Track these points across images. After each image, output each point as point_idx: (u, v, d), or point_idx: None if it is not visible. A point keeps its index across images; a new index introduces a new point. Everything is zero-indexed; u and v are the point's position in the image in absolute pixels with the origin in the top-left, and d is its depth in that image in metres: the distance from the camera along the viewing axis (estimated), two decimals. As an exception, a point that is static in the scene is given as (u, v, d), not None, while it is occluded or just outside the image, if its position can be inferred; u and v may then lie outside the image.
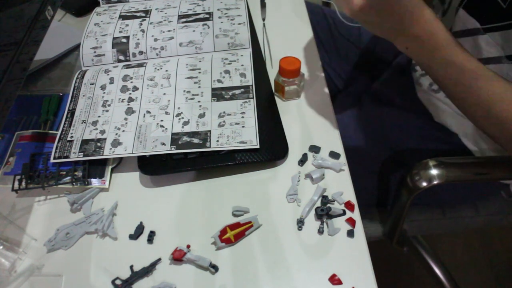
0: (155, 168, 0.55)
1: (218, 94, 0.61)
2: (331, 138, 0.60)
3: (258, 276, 0.47)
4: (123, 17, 0.72)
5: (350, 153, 0.58)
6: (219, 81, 0.63)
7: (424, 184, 0.58)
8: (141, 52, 0.67)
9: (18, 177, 0.54)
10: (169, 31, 0.68)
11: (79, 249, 0.50)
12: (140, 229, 0.51)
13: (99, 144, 0.56)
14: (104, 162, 0.56)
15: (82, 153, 0.55)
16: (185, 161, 0.55)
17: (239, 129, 0.57)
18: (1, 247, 0.49)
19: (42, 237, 0.51)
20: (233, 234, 0.49)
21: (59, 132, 0.58)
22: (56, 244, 0.50)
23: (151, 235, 0.50)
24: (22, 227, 0.52)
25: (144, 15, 0.72)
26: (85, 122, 0.59)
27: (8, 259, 0.48)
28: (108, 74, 0.64)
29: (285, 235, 0.50)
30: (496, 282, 1.22)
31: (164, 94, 0.61)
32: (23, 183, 0.54)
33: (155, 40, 0.67)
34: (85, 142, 0.57)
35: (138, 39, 0.67)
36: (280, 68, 0.61)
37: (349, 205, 0.52)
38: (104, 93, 0.62)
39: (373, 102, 0.84)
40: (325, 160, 0.56)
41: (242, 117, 0.58)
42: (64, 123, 0.60)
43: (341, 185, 0.55)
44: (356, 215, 0.52)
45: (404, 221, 0.68)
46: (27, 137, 0.59)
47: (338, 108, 0.64)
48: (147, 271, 0.47)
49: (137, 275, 0.47)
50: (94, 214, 0.52)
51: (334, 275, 0.46)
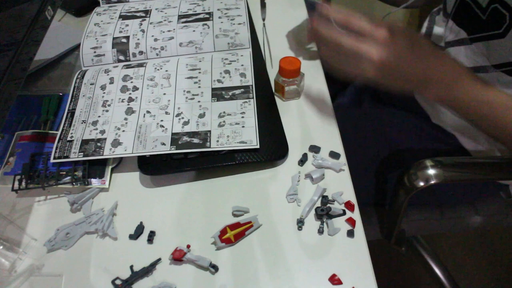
0: (155, 168, 0.55)
1: (218, 94, 0.61)
2: (331, 138, 0.60)
3: (258, 276, 0.47)
4: (123, 17, 0.72)
5: (349, 153, 0.58)
6: (219, 81, 0.63)
7: (421, 183, 0.58)
8: (141, 52, 0.67)
9: (18, 177, 0.54)
10: (169, 31, 0.68)
11: (79, 249, 0.50)
12: (140, 229, 0.51)
13: (99, 144, 0.56)
14: (104, 162, 0.57)
15: (82, 153, 0.55)
16: (185, 161, 0.55)
17: (239, 129, 0.57)
18: (1, 247, 0.49)
19: (42, 237, 0.51)
20: (233, 234, 0.49)
21: (59, 132, 0.58)
22: (56, 244, 0.50)
23: (151, 235, 0.50)
24: (22, 227, 0.52)
25: (144, 15, 0.72)
26: (85, 122, 0.59)
27: (8, 259, 0.48)
28: (108, 74, 0.64)
29: (285, 235, 0.50)
30: (496, 282, 1.22)
31: (164, 94, 0.61)
32: (23, 183, 0.54)
33: (155, 40, 0.67)
34: (85, 142, 0.57)
35: (138, 39, 0.68)
36: (280, 68, 0.61)
37: (349, 205, 0.52)
38: (104, 93, 0.62)
39: (372, 102, 0.84)
40: (325, 160, 0.56)
41: (242, 117, 0.58)
42: (64, 123, 0.60)
43: (341, 185, 0.55)
44: (356, 215, 0.52)
45: (402, 221, 0.68)
46: (27, 137, 0.59)
47: (338, 108, 0.64)
48: (147, 271, 0.47)
49: (137, 275, 0.47)
50: (94, 214, 0.52)
51: (334, 275, 0.46)
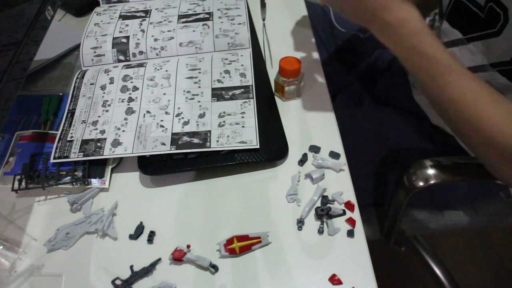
0: (155, 168, 0.55)
1: (218, 94, 0.61)
2: (331, 138, 0.60)
3: (258, 276, 0.47)
4: (123, 17, 0.72)
5: (348, 153, 0.58)
6: (219, 81, 0.63)
7: (421, 183, 0.58)
8: (141, 52, 0.67)
9: (18, 177, 0.54)
10: (169, 31, 0.68)
11: (79, 249, 0.50)
12: (140, 229, 0.51)
13: (99, 144, 0.56)
14: (104, 162, 0.57)
15: (82, 153, 0.55)
16: (185, 161, 0.55)
17: (239, 129, 0.57)
18: (1, 247, 0.49)
19: (42, 237, 0.51)
20: (239, 246, 0.48)
21: (59, 132, 0.58)
22: (56, 244, 0.50)
23: (151, 235, 0.50)
24: (22, 227, 0.52)
25: (144, 15, 0.72)
26: (85, 122, 0.59)
27: (8, 259, 0.48)
28: (108, 74, 0.64)
29: (285, 235, 0.50)
30: (496, 282, 1.22)
31: (164, 94, 0.61)
32: (23, 183, 0.54)
33: (155, 40, 0.67)
34: (85, 142, 0.57)
35: (138, 39, 0.68)
36: (280, 68, 0.61)
37: (349, 205, 0.52)
38: (104, 93, 0.62)
39: (372, 102, 0.84)
40: (325, 160, 0.56)
41: (242, 117, 0.58)
42: (64, 123, 0.60)
43: (341, 185, 0.55)
44: (356, 215, 0.52)
45: (402, 221, 0.68)
46: (27, 137, 0.59)
47: (338, 108, 0.64)
48: (147, 271, 0.47)
49: (137, 275, 0.47)
50: (94, 214, 0.52)
51: (334, 275, 0.46)
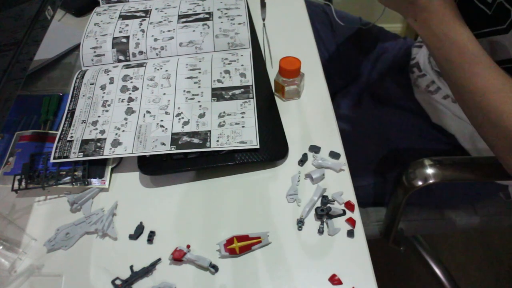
0: (155, 168, 0.55)
1: (218, 94, 0.61)
2: (331, 138, 0.60)
3: (258, 276, 0.47)
4: (123, 17, 0.72)
5: (348, 152, 0.58)
6: (219, 81, 0.63)
7: (420, 183, 0.58)
8: (141, 52, 0.67)
9: (18, 177, 0.54)
10: (169, 31, 0.68)
11: (79, 249, 0.50)
12: (140, 229, 0.51)
13: (99, 144, 0.56)
14: (104, 162, 0.56)
15: (82, 153, 0.55)
16: (185, 161, 0.55)
17: (239, 129, 0.57)
18: (1, 247, 0.49)
19: (42, 237, 0.51)
20: (239, 246, 0.48)
21: (59, 132, 0.58)
22: (56, 244, 0.50)
23: (151, 235, 0.50)
24: (22, 227, 0.52)
25: (144, 15, 0.72)
26: (85, 122, 0.59)
27: (8, 259, 0.48)
28: (108, 74, 0.64)
29: (285, 235, 0.50)
30: (496, 282, 1.22)
31: (164, 94, 0.61)
32: (23, 183, 0.54)
33: (155, 40, 0.67)
34: (85, 142, 0.57)
35: (138, 39, 0.67)
36: (280, 68, 0.61)
37: (349, 205, 0.52)
38: (104, 93, 0.62)
39: (372, 102, 0.84)
40: (325, 160, 0.56)
41: (242, 117, 0.58)
42: (64, 123, 0.59)
43: (341, 185, 0.55)
44: (356, 215, 0.52)
45: (401, 220, 0.68)
46: (27, 137, 0.59)
47: (338, 107, 0.64)
48: (147, 271, 0.47)
49: (137, 275, 0.47)
50: (94, 214, 0.52)
51: (334, 275, 0.46)
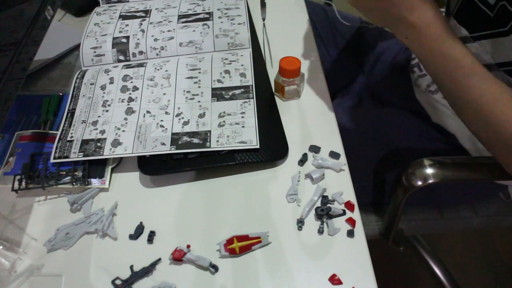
0: (155, 168, 0.55)
1: (218, 94, 0.61)
2: (331, 138, 0.60)
3: (258, 276, 0.47)
4: (123, 17, 0.72)
5: (348, 152, 0.58)
6: (219, 81, 0.63)
7: (419, 183, 0.58)
8: (141, 52, 0.67)
9: (18, 177, 0.54)
10: (169, 31, 0.68)
11: (79, 249, 0.50)
12: (140, 229, 0.51)
13: (99, 144, 0.56)
14: (104, 162, 0.56)
15: (82, 153, 0.55)
16: (185, 161, 0.55)
17: (239, 129, 0.57)
18: (1, 247, 0.49)
19: (42, 237, 0.51)
20: (239, 246, 0.48)
21: (59, 132, 0.58)
22: (56, 244, 0.50)
23: (151, 235, 0.50)
24: (22, 227, 0.52)
25: (144, 15, 0.72)
26: (85, 122, 0.59)
27: (8, 259, 0.48)
28: (108, 74, 0.64)
29: (285, 235, 0.50)
30: (496, 282, 1.22)
31: (164, 94, 0.61)
32: (23, 183, 0.54)
33: (155, 40, 0.67)
34: (85, 142, 0.57)
35: (138, 39, 0.67)
36: (280, 68, 0.61)
37: (349, 205, 0.52)
38: (104, 93, 0.62)
39: (372, 101, 0.84)
40: (325, 160, 0.56)
41: (242, 117, 0.58)
42: (64, 123, 0.59)
43: (341, 185, 0.55)
44: (356, 215, 0.52)
45: (400, 220, 0.67)
46: (27, 137, 0.59)
47: (338, 107, 0.64)
48: (147, 271, 0.47)
49: (137, 275, 0.47)
50: (94, 214, 0.52)
51: (334, 275, 0.46)
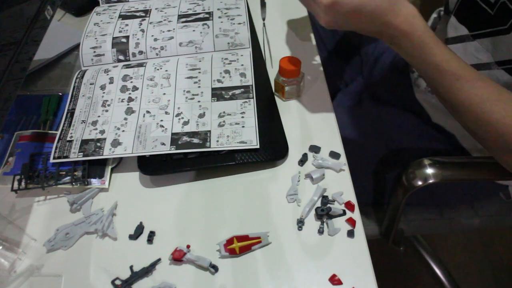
0: (155, 168, 0.55)
1: (218, 94, 0.61)
2: (331, 138, 0.59)
3: (258, 276, 0.47)
4: (123, 16, 0.72)
5: (348, 152, 0.58)
6: (219, 81, 0.62)
7: (419, 183, 0.58)
8: (141, 52, 0.67)
9: (17, 177, 0.54)
10: (169, 31, 0.68)
11: (78, 249, 0.50)
12: (140, 229, 0.51)
13: (98, 144, 0.56)
14: (104, 162, 0.56)
15: (81, 153, 0.55)
16: (185, 161, 0.55)
17: (239, 129, 0.57)
18: (1, 247, 0.49)
19: (42, 237, 0.51)
20: (239, 246, 0.48)
21: (58, 132, 0.58)
22: (55, 244, 0.50)
23: (151, 235, 0.50)
24: (22, 227, 0.52)
25: (144, 15, 0.72)
26: (84, 122, 0.59)
27: (7, 259, 0.48)
28: (107, 74, 0.64)
29: (285, 235, 0.50)
30: (496, 282, 1.22)
31: (164, 94, 0.61)
32: (23, 183, 0.54)
33: (155, 40, 0.67)
34: (84, 142, 0.56)
35: (138, 39, 0.67)
36: (280, 68, 0.61)
37: (349, 205, 0.52)
38: (103, 93, 0.62)
39: (372, 101, 0.84)
40: (325, 160, 0.56)
41: (242, 117, 0.58)
42: (64, 123, 0.59)
43: (341, 185, 0.54)
44: (356, 215, 0.52)
45: (400, 220, 0.67)
46: (27, 137, 0.59)
47: (338, 107, 0.64)
48: (147, 271, 0.47)
49: (137, 275, 0.47)
50: (94, 214, 0.52)
51: (334, 275, 0.46)
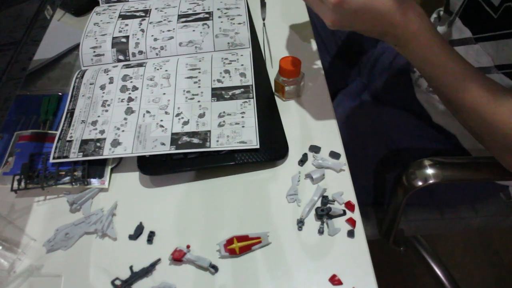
0: (155, 168, 0.55)
1: (218, 94, 0.61)
2: (331, 138, 0.59)
3: (258, 276, 0.47)
4: (123, 16, 0.72)
5: (348, 152, 0.58)
6: (219, 81, 0.62)
7: (420, 183, 0.58)
8: (140, 52, 0.67)
9: (17, 177, 0.54)
10: (168, 30, 0.68)
11: (78, 250, 0.50)
12: (139, 229, 0.51)
13: (98, 144, 0.56)
14: (103, 162, 0.56)
15: (81, 153, 0.55)
16: (185, 161, 0.55)
17: (239, 129, 0.57)
18: (0, 247, 0.49)
19: (42, 238, 0.51)
20: (239, 246, 0.48)
21: (58, 132, 0.58)
22: (55, 245, 0.50)
23: (151, 235, 0.50)
24: (21, 227, 0.52)
25: (143, 14, 0.72)
26: (84, 122, 0.59)
27: (7, 260, 0.48)
28: (107, 74, 0.64)
29: (285, 235, 0.50)
30: (496, 282, 1.22)
31: (164, 94, 0.61)
32: (22, 183, 0.54)
33: (155, 39, 0.67)
34: (84, 142, 0.56)
35: (138, 38, 0.67)
36: (280, 68, 0.61)
37: (349, 205, 0.52)
38: (103, 93, 0.62)
39: (372, 102, 0.84)
40: (325, 160, 0.56)
41: (242, 117, 0.58)
42: (64, 123, 0.59)
43: (341, 185, 0.54)
44: (357, 215, 0.52)
45: (401, 220, 0.67)
46: (26, 137, 0.59)
47: (338, 107, 0.64)
48: (147, 271, 0.47)
49: (136, 276, 0.47)
50: (94, 214, 0.52)
51: (334, 275, 0.46)
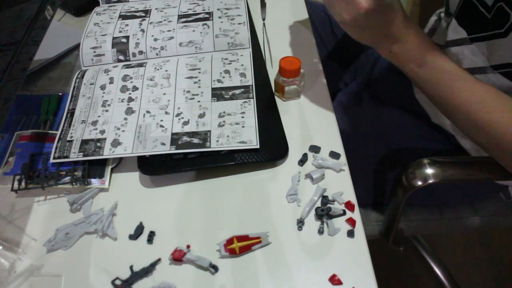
0: (155, 168, 0.55)
1: (218, 94, 0.61)
2: (331, 138, 0.59)
3: (258, 276, 0.47)
4: (123, 17, 0.72)
5: (348, 152, 0.58)
6: (219, 81, 0.62)
7: (419, 183, 0.58)
8: (141, 52, 0.67)
9: (17, 177, 0.54)
10: (169, 31, 0.68)
11: (78, 250, 0.50)
12: (140, 229, 0.51)
13: (98, 144, 0.56)
14: (104, 162, 0.56)
15: (81, 153, 0.55)
16: (185, 161, 0.55)
17: (239, 129, 0.57)
18: (1, 247, 0.49)
19: (42, 237, 0.51)
20: (239, 246, 0.48)
21: (58, 132, 0.58)
22: (55, 244, 0.50)
23: (151, 235, 0.50)
24: (22, 227, 0.52)
25: (144, 15, 0.72)
26: (84, 122, 0.59)
27: (7, 259, 0.48)
28: (108, 74, 0.64)
29: (285, 235, 0.50)
30: (496, 282, 1.22)
31: (164, 94, 0.61)
32: (23, 183, 0.54)
33: (155, 40, 0.67)
34: (84, 142, 0.56)
35: (138, 39, 0.67)
36: (280, 68, 0.61)
37: (349, 205, 0.52)
38: (103, 93, 0.62)
39: (372, 101, 0.84)
40: (325, 160, 0.56)
41: (242, 117, 0.58)
42: (64, 123, 0.59)
43: (341, 185, 0.54)
44: (356, 215, 0.52)
45: (400, 220, 0.67)
46: (27, 137, 0.59)
47: (338, 107, 0.64)
48: (147, 271, 0.47)
49: (137, 275, 0.47)
50: (94, 214, 0.52)
51: (334, 275, 0.46)
